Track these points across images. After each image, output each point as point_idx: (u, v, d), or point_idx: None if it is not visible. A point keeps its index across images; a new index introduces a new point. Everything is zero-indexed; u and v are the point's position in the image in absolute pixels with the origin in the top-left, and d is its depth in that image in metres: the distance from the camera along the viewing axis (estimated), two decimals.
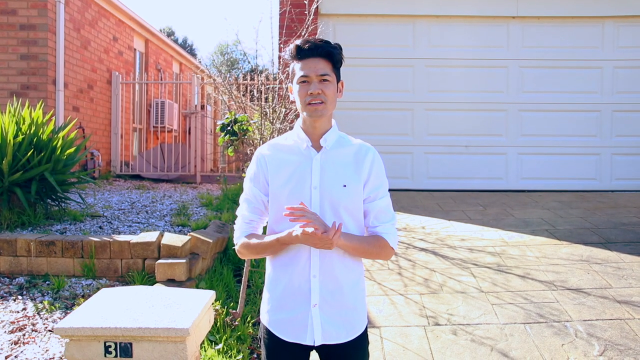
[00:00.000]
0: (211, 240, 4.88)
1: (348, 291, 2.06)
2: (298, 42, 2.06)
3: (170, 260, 4.51)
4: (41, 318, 4.07)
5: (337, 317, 2.04)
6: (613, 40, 8.45)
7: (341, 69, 2.13)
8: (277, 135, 6.18)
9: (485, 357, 3.50)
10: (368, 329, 2.18)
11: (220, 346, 3.70)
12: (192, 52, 20.92)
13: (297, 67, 2.07)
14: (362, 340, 2.10)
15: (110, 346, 2.40)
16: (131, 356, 2.39)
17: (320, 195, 2.04)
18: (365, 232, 2.14)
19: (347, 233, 2.03)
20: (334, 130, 2.12)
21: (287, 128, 6.49)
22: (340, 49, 2.09)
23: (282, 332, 2.06)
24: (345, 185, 2.04)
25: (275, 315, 2.08)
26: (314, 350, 2.10)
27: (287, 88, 6.12)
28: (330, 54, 2.04)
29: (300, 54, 2.05)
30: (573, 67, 8.43)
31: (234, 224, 2.21)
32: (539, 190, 8.28)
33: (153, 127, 11.97)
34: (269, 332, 2.10)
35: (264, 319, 2.13)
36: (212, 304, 3.11)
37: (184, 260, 4.51)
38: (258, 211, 2.14)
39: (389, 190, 2.27)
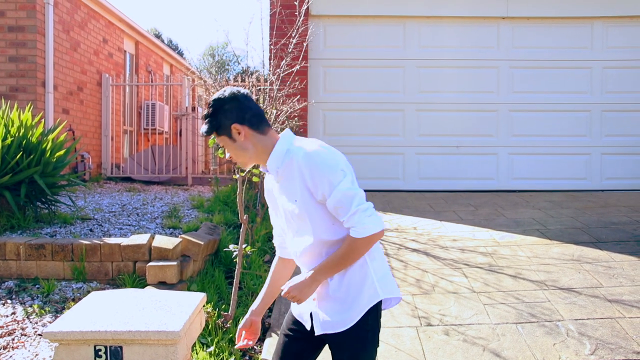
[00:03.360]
0: (202, 242, 4.86)
1: (335, 286, 2.16)
2: None
3: (161, 263, 4.48)
4: (31, 322, 4.03)
5: (331, 309, 2.17)
6: (602, 41, 8.50)
7: (332, 69, 2.18)
8: None
9: (477, 357, 3.51)
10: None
11: (212, 349, 3.68)
12: (180, 54, 20.85)
13: None
14: (357, 329, 2.15)
15: (100, 350, 2.38)
16: None
17: (285, 215, 2.22)
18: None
19: (319, 265, 2.13)
20: (274, 152, 2.17)
21: (278, 129, 6.49)
22: (213, 116, 2.17)
23: (296, 313, 2.34)
24: (296, 200, 2.13)
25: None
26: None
27: (277, 89, 6.13)
28: (207, 130, 2.18)
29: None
30: (563, 67, 8.47)
31: (225, 225, 2.31)
32: (530, 190, 8.31)
33: (144, 129, 11.92)
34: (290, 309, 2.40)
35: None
36: (204, 306, 3.10)
37: (175, 263, 4.49)
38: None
39: (380, 191, 2.29)
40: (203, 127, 2.19)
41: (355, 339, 2.15)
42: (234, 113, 2.15)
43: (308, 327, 2.24)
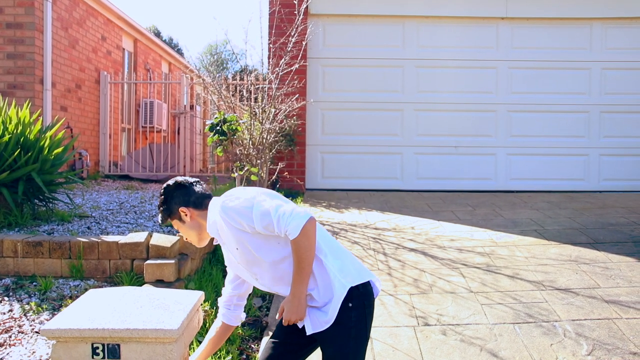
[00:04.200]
0: None
1: (309, 290, 2.35)
2: None
3: (159, 261, 4.47)
4: (28, 319, 4.03)
5: (313, 309, 2.36)
6: (601, 42, 8.51)
7: (331, 68, 2.25)
8: (267, 136, 6.17)
9: (474, 357, 3.51)
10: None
11: None
12: (179, 52, 20.82)
13: None
14: (341, 325, 2.29)
15: (97, 347, 2.37)
16: (119, 357, 2.37)
17: (238, 263, 2.48)
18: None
19: (292, 282, 2.31)
20: (208, 225, 2.49)
21: (277, 128, 6.49)
22: (163, 204, 2.55)
23: None
24: (237, 248, 2.41)
25: None
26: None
27: (276, 88, 6.13)
28: (161, 217, 2.57)
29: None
30: (562, 68, 8.48)
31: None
32: (528, 190, 8.32)
33: (142, 127, 11.90)
34: None
35: None
36: (202, 304, 3.10)
37: (172, 261, 4.48)
38: None
39: (379, 190, 2.36)
40: (158, 217, 2.66)
41: (339, 335, 2.29)
42: (180, 198, 2.51)
43: (300, 325, 2.38)
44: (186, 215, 2.50)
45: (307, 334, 2.35)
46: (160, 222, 2.56)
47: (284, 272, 2.37)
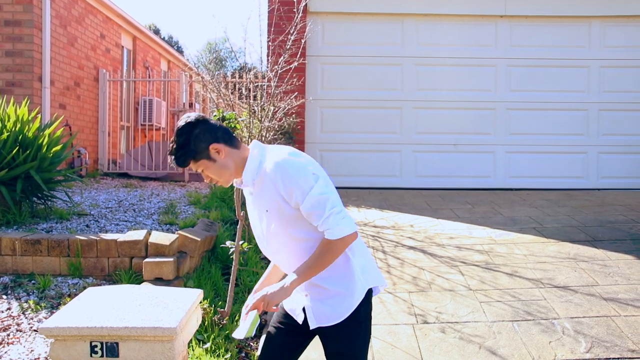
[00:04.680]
0: (199, 239, 4.86)
1: (324, 284, 2.23)
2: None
3: (157, 259, 4.47)
4: (26, 318, 4.02)
5: (323, 303, 2.25)
6: (600, 40, 8.51)
7: (330, 66, 2.20)
8: (266, 133, 6.16)
9: (473, 354, 3.51)
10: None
11: (208, 345, 3.68)
12: (179, 50, 20.80)
13: None
14: (349, 322, 2.23)
15: (96, 346, 2.37)
16: (117, 356, 2.37)
17: (263, 226, 2.26)
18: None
19: (297, 269, 2.17)
20: (247, 165, 2.22)
21: (276, 126, 6.48)
22: (187, 148, 2.17)
23: (287, 307, 2.38)
24: (267, 210, 2.20)
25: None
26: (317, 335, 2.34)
27: (275, 86, 6.13)
28: (182, 162, 2.20)
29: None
30: (560, 66, 8.48)
31: (222, 222, 2.35)
32: (527, 188, 8.32)
33: (141, 125, 11.89)
34: (281, 303, 2.37)
35: None
36: (200, 302, 3.09)
37: (171, 259, 4.48)
38: None
39: (378, 188, 2.32)
40: (177, 160, 2.20)
41: (350, 330, 2.25)
42: (208, 134, 2.19)
43: (300, 321, 2.30)
44: (218, 152, 2.20)
45: (311, 327, 2.26)
46: (177, 166, 2.21)
47: (296, 250, 2.23)
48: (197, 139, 2.17)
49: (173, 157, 2.20)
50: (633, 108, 8.50)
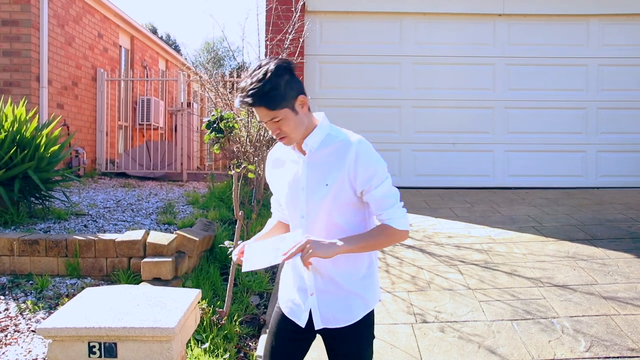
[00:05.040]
0: (197, 239, 4.84)
1: (341, 281, 2.15)
2: (240, 92, 2.00)
3: (156, 259, 4.46)
4: (24, 318, 4.01)
5: (334, 303, 2.16)
6: (598, 38, 8.50)
7: (328, 65, 2.16)
8: (264, 133, 6.15)
9: (472, 354, 3.50)
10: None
11: (206, 345, 3.67)
12: (176, 49, 20.77)
13: None
14: (361, 325, 2.18)
15: (94, 346, 2.36)
16: (116, 356, 2.36)
17: (307, 197, 2.11)
18: (368, 223, 2.19)
19: (348, 237, 2.06)
20: (317, 132, 2.11)
21: None
22: (279, 85, 1.95)
23: (285, 307, 2.27)
24: (327, 185, 2.06)
25: (283, 297, 2.29)
26: (319, 335, 2.25)
27: None
28: (265, 102, 1.96)
29: (244, 105, 2.01)
30: (559, 64, 8.48)
31: (220, 221, 2.31)
32: (526, 187, 8.32)
33: (139, 124, 11.88)
34: (279, 307, 2.32)
35: (279, 298, 2.34)
36: (199, 302, 3.09)
37: (170, 259, 4.47)
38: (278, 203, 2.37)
39: None
40: (262, 99, 1.94)
41: (360, 333, 2.19)
42: (297, 84, 2.01)
43: (302, 324, 2.19)
44: (302, 106, 2.04)
45: (317, 328, 2.16)
46: (255, 104, 1.96)
47: (332, 228, 2.09)
48: (288, 85, 1.97)
49: (256, 94, 1.93)
50: (632, 106, 8.50)
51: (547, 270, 4.74)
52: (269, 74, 1.93)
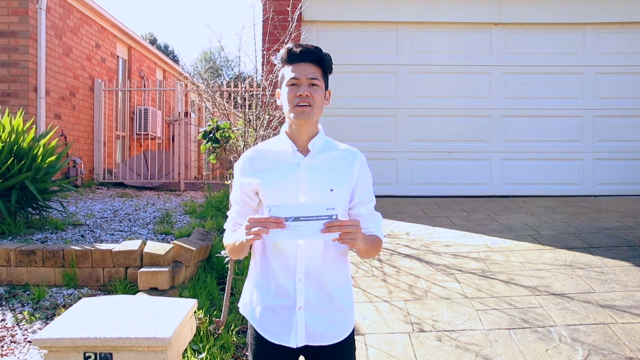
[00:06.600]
0: (194, 248, 4.84)
1: (335, 294, 2.08)
2: (290, 45, 2.09)
3: (153, 269, 4.46)
4: (21, 329, 4.00)
5: (323, 319, 2.05)
6: (594, 47, 8.54)
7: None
8: (261, 142, 6.16)
9: None
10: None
11: (203, 355, 3.66)
12: (174, 59, 20.84)
13: (287, 71, 2.07)
14: (349, 342, 2.13)
15: (90, 357, 2.35)
16: None
17: (306, 200, 2.03)
18: None
19: (366, 235, 2.06)
20: (321, 135, 2.15)
21: (271, 135, 6.47)
22: (331, 58, 2.12)
23: (268, 334, 2.05)
24: (332, 190, 2.04)
25: (263, 314, 2.07)
26: (302, 355, 2.11)
27: (270, 95, 6.13)
28: (322, 59, 2.07)
29: (292, 57, 2.06)
30: (555, 73, 8.51)
31: (217, 231, 2.26)
32: (523, 195, 8.33)
33: (136, 134, 11.89)
34: (256, 334, 2.09)
35: (251, 316, 2.11)
36: (195, 312, 3.08)
37: (166, 269, 4.46)
38: (245, 215, 2.10)
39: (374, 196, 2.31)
40: (321, 58, 2.06)
41: (350, 347, 2.16)
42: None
43: (293, 345, 2.02)
44: (328, 97, 2.16)
45: (299, 345, 2.02)
46: (313, 59, 2.05)
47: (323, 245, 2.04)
48: (330, 63, 2.12)
49: (318, 51, 2.07)
50: (628, 114, 8.53)
51: (544, 278, 4.73)
52: (325, 55, 2.09)
